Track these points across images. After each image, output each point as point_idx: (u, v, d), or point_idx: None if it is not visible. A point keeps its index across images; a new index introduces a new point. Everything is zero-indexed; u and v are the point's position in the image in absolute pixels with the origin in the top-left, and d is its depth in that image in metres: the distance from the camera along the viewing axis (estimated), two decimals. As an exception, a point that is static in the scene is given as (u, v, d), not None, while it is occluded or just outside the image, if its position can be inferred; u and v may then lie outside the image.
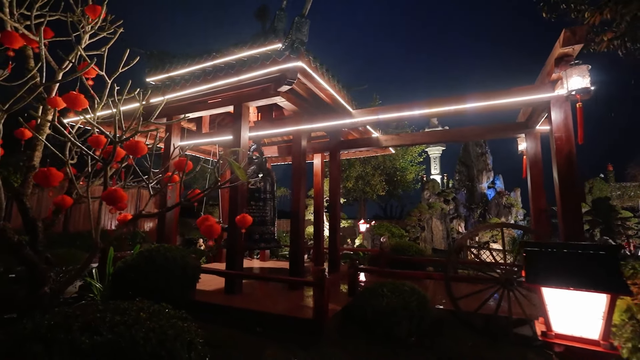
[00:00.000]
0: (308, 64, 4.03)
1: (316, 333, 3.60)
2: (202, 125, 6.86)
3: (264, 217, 6.65)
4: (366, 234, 11.95)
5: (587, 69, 3.43)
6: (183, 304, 4.42)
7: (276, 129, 5.87)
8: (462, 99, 4.41)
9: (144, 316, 2.22)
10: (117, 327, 2.02)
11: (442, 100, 4.57)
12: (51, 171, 2.76)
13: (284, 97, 4.92)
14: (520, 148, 6.10)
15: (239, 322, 4.06)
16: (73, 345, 1.84)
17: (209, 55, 5.61)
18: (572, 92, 3.48)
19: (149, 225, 14.62)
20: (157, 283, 3.74)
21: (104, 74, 3.41)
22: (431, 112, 4.65)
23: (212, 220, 3.55)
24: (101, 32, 3.82)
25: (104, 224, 13.49)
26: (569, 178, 3.84)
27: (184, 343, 2.20)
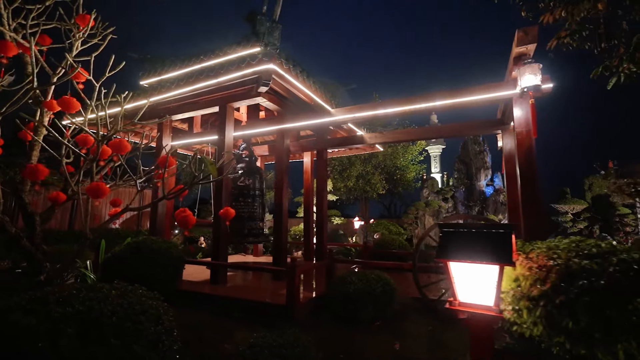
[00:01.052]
0: (280, 66, 4.29)
1: (288, 317, 3.86)
2: (194, 125, 7.18)
3: (253, 213, 6.93)
4: (359, 231, 12.16)
5: (539, 67, 3.61)
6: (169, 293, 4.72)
7: (261, 129, 6.15)
8: (430, 97, 4.62)
9: (115, 293, 2.51)
10: (89, 301, 2.31)
11: (412, 98, 4.79)
12: (38, 167, 3.06)
13: (266, 97, 5.19)
14: (500, 144, 6.27)
15: (221, 310, 4.35)
16: (48, 314, 2.13)
17: (197, 58, 5.91)
18: (524, 89, 3.67)
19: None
20: (141, 271, 4.04)
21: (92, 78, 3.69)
22: (403, 110, 4.86)
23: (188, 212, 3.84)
24: (91, 39, 4.11)
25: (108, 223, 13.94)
26: (529, 171, 4.03)
27: (150, 317, 2.47)
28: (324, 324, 3.82)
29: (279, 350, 2.64)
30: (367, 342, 3.38)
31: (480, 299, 1.87)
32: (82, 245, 3.74)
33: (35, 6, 3.74)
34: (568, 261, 1.66)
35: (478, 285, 1.87)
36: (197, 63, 5.82)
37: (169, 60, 6.57)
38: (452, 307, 1.94)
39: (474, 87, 4.32)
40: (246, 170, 6.99)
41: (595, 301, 1.46)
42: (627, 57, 3.23)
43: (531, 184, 4.00)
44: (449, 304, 1.96)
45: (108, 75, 3.71)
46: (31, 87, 3.53)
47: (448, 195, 18.11)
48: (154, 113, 6.43)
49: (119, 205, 4.42)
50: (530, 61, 3.63)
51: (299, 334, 2.84)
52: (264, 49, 4.25)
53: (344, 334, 3.57)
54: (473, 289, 1.89)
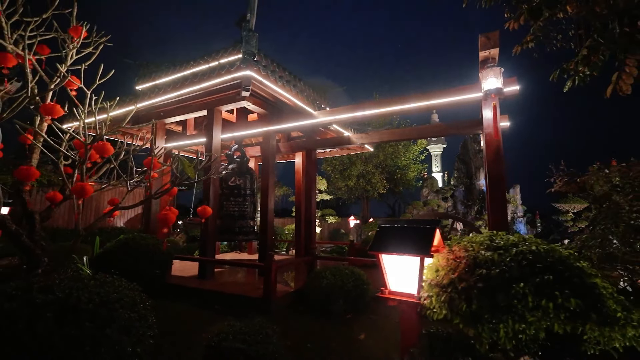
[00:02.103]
0: (258, 72, 4.52)
1: (264, 309, 4.09)
2: (187, 127, 7.46)
3: (244, 212, 7.18)
4: (353, 230, 12.35)
5: (500, 71, 3.77)
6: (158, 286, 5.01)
7: (248, 131, 6.40)
8: (405, 99, 4.79)
9: (93, 283, 2.76)
10: (68, 289, 2.56)
11: (388, 100, 4.97)
12: (30, 169, 3.34)
13: (251, 101, 5.43)
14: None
15: (205, 302, 4.60)
16: (29, 300, 2.39)
17: (187, 64, 6.18)
18: (487, 92, 3.83)
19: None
20: (129, 266, 4.31)
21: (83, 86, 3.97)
22: (379, 112, 5.05)
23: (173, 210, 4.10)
24: (85, 48, 4.39)
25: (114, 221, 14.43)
26: (496, 170, 4.19)
27: (125, 305, 2.72)
28: (298, 316, 4.04)
29: (243, 336, 2.87)
30: (334, 333, 3.59)
31: (406, 287, 2.07)
32: (75, 241, 4.01)
33: (33, 19, 4.02)
34: (477, 253, 1.84)
35: (404, 276, 2.07)
36: (187, 69, 6.08)
37: (163, 65, 6.85)
38: (382, 295, 2.14)
39: (446, 89, 4.48)
40: (237, 170, 7.25)
41: (487, 287, 1.64)
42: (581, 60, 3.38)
43: (498, 182, 4.15)
44: (380, 292, 2.17)
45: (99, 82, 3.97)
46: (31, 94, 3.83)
47: (447, 195, 18.15)
48: (149, 116, 6.72)
49: (116, 204, 4.68)
50: (492, 65, 3.78)
51: (263, 323, 3.06)
52: (242, 56, 4.48)
53: (314, 325, 3.79)
54: (400, 279, 2.09)
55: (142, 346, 2.72)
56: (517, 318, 1.52)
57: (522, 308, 1.51)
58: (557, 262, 1.66)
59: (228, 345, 2.79)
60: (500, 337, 1.55)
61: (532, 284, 1.56)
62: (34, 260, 4.09)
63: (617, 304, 1.66)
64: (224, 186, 7.05)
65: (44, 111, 3.67)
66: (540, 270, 1.61)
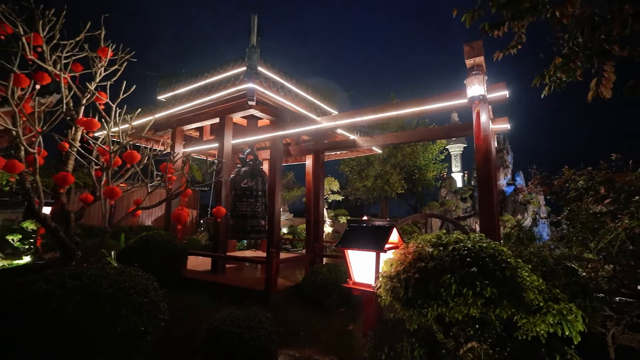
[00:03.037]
0: (260, 84, 4.91)
1: (265, 300, 4.48)
2: (204, 133, 8.03)
3: (256, 212, 7.64)
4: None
5: (484, 78, 3.93)
6: (174, 279, 5.53)
7: (258, 136, 6.84)
8: (402, 105, 5.02)
9: (113, 273, 3.26)
10: (93, 277, 3.06)
11: (384, 107, 5.21)
12: (67, 175, 3.90)
13: (258, 109, 5.86)
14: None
15: (214, 294, 5.07)
16: (62, 284, 2.90)
17: (202, 75, 6.72)
18: (471, 98, 4.00)
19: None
20: (147, 259, 4.85)
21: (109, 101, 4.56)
22: (376, 117, 5.30)
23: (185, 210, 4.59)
24: (111, 66, 4.98)
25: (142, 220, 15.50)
26: (486, 171, 4.34)
27: (139, 291, 3.19)
28: (295, 308, 4.40)
29: (239, 322, 3.26)
30: (326, 324, 3.92)
31: (366, 279, 2.38)
32: (103, 237, 4.60)
33: (69, 42, 4.63)
34: (422, 249, 2.11)
35: (365, 269, 2.38)
36: (202, 79, 6.62)
37: (181, 76, 7.45)
38: (347, 286, 2.46)
39: (436, 96, 4.67)
40: (249, 173, 7.72)
41: (422, 277, 1.91)
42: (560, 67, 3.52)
43: (487, 184, 4.31)
44: (346, 283, 2.49)
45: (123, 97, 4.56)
46: (66, 109, 4.43)
47: (466, 195, 17.85)
48: (170, 123, 7.35)
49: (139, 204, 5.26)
50: (476, 73, 3.96)
51: (258, 311, 3.45)
52: (246, 70, 4.90)
53: (309, 316, 4.13)
54: (362, 271, 2.40)
55: (153, 326, 3.17)
56: (441, 303, 1.79)
57: (447, 295, 1.78)
58: (487, 257, 1.90)
59: (225, 329, 3.19)
60: (428, 319, 1.83)
61: (459, 275, 1.82)
62: (69, 253, 4.71)
63: (540, 294, 1.89)
64: (236, 188, 7.54)
65: (83, 125, 4.25)
66: (468, 264, 1.86)
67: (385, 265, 2.26)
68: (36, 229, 9.39)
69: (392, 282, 2.02)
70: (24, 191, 4.19)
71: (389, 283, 2.03)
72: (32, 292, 2.77)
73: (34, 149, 3.88)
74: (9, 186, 10.21)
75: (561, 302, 1.93)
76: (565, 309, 1.89)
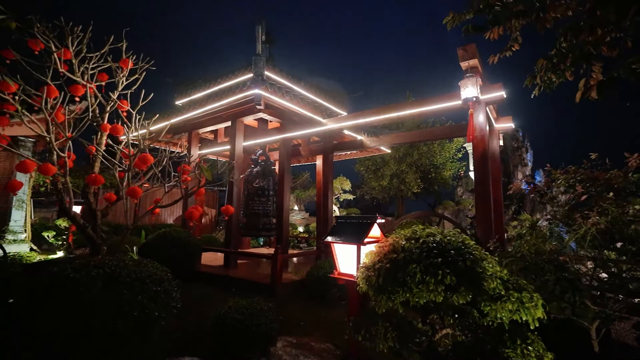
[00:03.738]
0: (265, 90, 5.21)
1: (270, 293, 4.78)
2: (218, 135, 8.46)
3: (267, 210, 7.98)
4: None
5: (477, 81, 4.03)
6: (189, 272, 5.94)
7: (268, 138, 7.16)
8: (401, 107, 5.18)
9: (131, 264, 3.64)
10: (113, 267, 3.45)
11: (387, 107, 5.38)
12: (97, 177, 4.32)
13: (266, 112, 6.17)
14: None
15: (226, 287, 5.43)
16: (88, 272, 3.30)
17: (215, 81, 7.12)
18: (465, 100, 4.12)
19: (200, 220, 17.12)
20: (164, 254, 5.27)
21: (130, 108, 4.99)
22: (378, 119, 5.48)
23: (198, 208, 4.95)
24: (132, 75, 5.41)
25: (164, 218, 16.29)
26: (482, 170, 4.45)
27: (154, 280, 3.56)
28: (298, 300, 4.67)
29: (242, 310, 3.56)
30: (325, 315, 4.16)
31: (349, 270, 2.61)
32: (124, 234, 5.02)
33: (95, 54, 5.11)
34: (397, 242, 2.31)
35: (349, 260, 2.61)
36: (215, 85, 7.01)
37: (197, 82, 7.90)
38: (333, 276, 2.70)
39: (434, 97, 4.80)
40: (261, 173, 8.07)
41: (393, 267, 2.11)
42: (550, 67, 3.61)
43: (483, 183, 4.41)
44: (332, 273, 2.73)
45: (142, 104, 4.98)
46: (92, 116, 4.89)
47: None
48: (186, 126, 7.81)
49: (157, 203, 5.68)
50: (470, 75, 4.07)
51: (260, 301, 3.74)
52: (253, 77, 5.22)
53: (310, 308, 4.39)
54: (346, 263, 2.64)
55: (166, 312, 3.52)
56: (407, 289, 1.99)
57: (411, 282, 1.98)
58: (452, 249, 2.09)
59: (230, 316, 3.50)
60: (395, 304, 2.04)
61: (424, 264, 2.01)
62: (96, 247, 5.18)
63: (502, 284, 2.06)
64: (249, 187, 7.91)
65: (112, 131, 4.69)
66: (434, 255, 2.05)
67: (366, 257, 2.48)
68: (68, 226, 10.18)
69: (369, 271, 2.24)
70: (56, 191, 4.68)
71: (366, 272, 2.26)
72: (63, 277, 3.17)
73: (64, 153, 4.33)
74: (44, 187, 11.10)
75: (523, 292, 2.09)
76: (525, 297, 2.04)
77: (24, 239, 8.84)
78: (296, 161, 10.83)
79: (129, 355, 3.22)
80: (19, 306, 3.22)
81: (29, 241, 9.04)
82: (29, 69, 4.26)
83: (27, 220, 9.13)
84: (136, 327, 3.20)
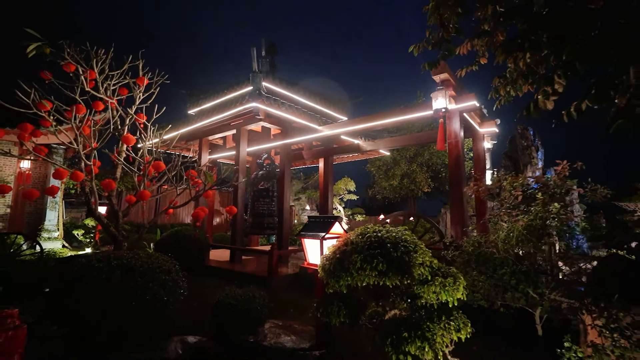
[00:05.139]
0: (262, 103, 5.78)
1: (266, 285, 5.36)
2: (227, 141, 9.14)
3: (271, 211, 8.59)
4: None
5: (446, 93, 4.43)
6: (198, 267, 6.62)
7: (269, 144, 7.76)
8: (385, 115, 5.63)
9: (144, 256, 4.30)
10: (129, 259, 4.11)
11: (374, 116, 5.83)
12: (110, 181, 5.02)
13: (267, 121, 6.76)
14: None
15: (230, 279, 6.06)
16: (109, 263, 3.98)
17: (222, 92, 7.78)
18: (436, 110, 4.53)
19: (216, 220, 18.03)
20: (176, 249, 5.95)
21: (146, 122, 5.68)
22: (364, 127, 5.95)
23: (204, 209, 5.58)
24: (147, 91, 6.11)
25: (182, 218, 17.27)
26: (457, 173, 4.85)
27: (163, 270, 4.20)
28: (291, 291, 5.22)
29: (237, 297, 4.15)
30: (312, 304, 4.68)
31: (315, 260, 3.13)
32: (141, 232, 5.73)
33: (116, 72, 5.82)
34: (349, 237, 2.80)
35: (315, 252, 3.14)
36: (222, 96, 7.68)
37: (207, 92, 8.61)
38: (303, 265, 3.24)
39: (412, 107, 5.22)
40: (265, 176, 8.69)
41: (341, 257, 2.61)
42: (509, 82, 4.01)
43: (457, 185, 4.81)
44: (302, 263, 3.26)
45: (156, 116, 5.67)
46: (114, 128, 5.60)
47: (494, 193, 17.43)
48: (196, 135, 8.53)
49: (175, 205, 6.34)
50: (440, 88, 4.49)
51: (254, 290, 4.31)
52: (251, 91, 5.82)
53: (300, 297, 4.93)
54: (313, 254, 3.17)
55: (173, 297, 4.14)
56: (349, 274, 2.49)
57: (353, 269, 2.48)
58: (389, 243, 2.57)
59: (226, 302, 4.10)
60: (341, 285, 2.54)
61: (364, 255, 2.51)
62: (118, 243, 5.90)
63: (431, 271, 2.53)
64: (254, 189, 8.55)
65: (125, 140, 5.39)
66: (374, 247, 2.54)
67: (328, 249, 3.00)
68: (95, 225, 11.18)
69: (326, 261, 2.76)
70: (84, 194, 5.42)
71: (324, 262, 2.78)
72: (89, 267, 3.85)
73: (90, 161, 5.06)
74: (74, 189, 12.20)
75: (449, 278, 2.54)
76: (449, 282, 2.50)
77: (57, 237, 9.86)
78: (301, 163, 11.40)
79: (143, 332, 3.86)
80: (54, 291, 3.92)
81: (61, 238, 10.06)
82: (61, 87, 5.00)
83: (60, 220, 10.15)
84: (148, 308, 3.83)
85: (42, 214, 9.83)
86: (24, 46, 4.55)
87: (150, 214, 16.52)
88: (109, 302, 3.57)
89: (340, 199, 13.60)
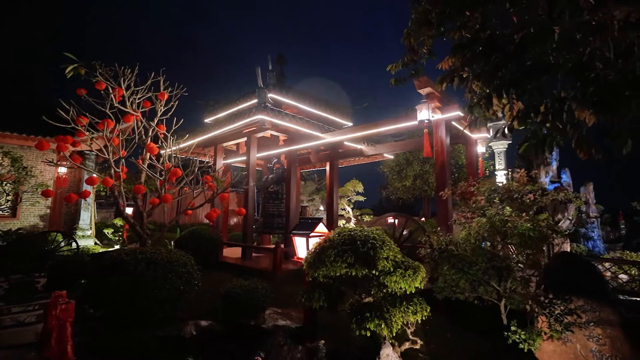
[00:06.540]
0: (267, 115, 6.39)
1: (271, 278, 5.95)
2: (240, 147, 9.86)
3: (280, 212, 9.22)
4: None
5: (429, 106, 4.87)
6: (212, 262, 7.32)
7: (279, 149, 8.39)
8: (376, 125, 6.11)
9: (164, 251, 5.00)
10: (152, 253, 4.82)
11: (368, 125, 6.32)
12: (140, 186, 5.75)
13: (274, 129, 7.38)
14: None
15: (240, 273, 6.70)
16: (135, 256, 4.69)
17: (234, 101, 8.48)
18: (420, 121, 4.97)
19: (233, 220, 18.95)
20: (192, 247, 6.66)
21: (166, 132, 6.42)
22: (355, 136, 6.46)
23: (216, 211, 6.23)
24: (168, 104, 6.84)
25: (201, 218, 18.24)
26: (442, 177, 5.27)
27: (180, 264, 4.88)
28: (293, 284, 5.79)
29: (242, 287, 4.76)
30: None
31: (303, 254, 3.70)
32: (163, 230, 6.47)
33: (140, 87, 6.57)
34: (329, 235, 3.34)
35: (303, 248, 3.70)
36: (234, 106, 8.38)
37: (221, 102, 9.35)
38: (292, 259, 3.82)
39: (401, 117, 5.67)
40: (275, 179, 9.34)
41: (320, 251, 3.14)
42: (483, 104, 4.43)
43: (442, 187, 5.24)
44: (292, 257, 3.84)
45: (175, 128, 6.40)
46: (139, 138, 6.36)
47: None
48: (213, 141, 9.28)
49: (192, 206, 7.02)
50: (424, 101, 4.93)
51: (257, 282, 4.92)
52: (257, 105, 6.45)
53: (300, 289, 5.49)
54: (301, 250, 3.73)
55: (189, 287, 4.80)
56: (324, 265, 3.03)
57: (327, 261, 3.01)
58: (359, 240, 3.09)
59: (232, 291, 4.72)
60: (318, 275, 3.08)
61: (338, 249, 3.04)
62: (142, 241, 6.65)
63: (395, 263, 3.03)
64: (265, 192, 9.21)
65: (149, 150, 6.12)
66: (347, 243, 3.07)
67: (312, 246, 3.55)
68: (123, 225, 12.20)
69: (308, 255, 3.32)
70: (113, 197, 6.20)
71: (307, 256, 3.33)
72: (118, 260, 4.57)
73: (119, 167, 5.82)
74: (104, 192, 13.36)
75: (409, 270, 3.03)
76: (409, 273, 2.99)
77: (89, 235, 10.91)
78: (311, 167, 11.98)
79: (164, 315, 4.53)
80: (90, 280, 4.66)
81: (94, 237, 11.11)
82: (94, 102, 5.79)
83: (92, 220, 11.21)
84: (168, 295, 4.51)
85: (76, 214, 10.91)
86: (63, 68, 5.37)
87: (172, 214, 17.61)
88: (135, 289, 4.25)
89: (349, 200, 14.08)
